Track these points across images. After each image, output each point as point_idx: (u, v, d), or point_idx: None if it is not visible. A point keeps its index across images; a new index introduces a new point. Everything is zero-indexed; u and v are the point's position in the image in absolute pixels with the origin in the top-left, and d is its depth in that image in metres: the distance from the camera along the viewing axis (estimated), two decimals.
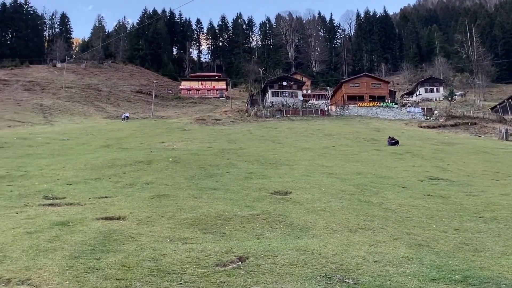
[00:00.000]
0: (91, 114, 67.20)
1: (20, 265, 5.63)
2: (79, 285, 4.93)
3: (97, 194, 12.06)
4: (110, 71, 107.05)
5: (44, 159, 22.29)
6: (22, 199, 11.50)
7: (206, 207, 10.05)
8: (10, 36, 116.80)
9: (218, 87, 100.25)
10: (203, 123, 54.65)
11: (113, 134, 39.19)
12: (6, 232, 7.52)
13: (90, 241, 6.92)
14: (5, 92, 74.68)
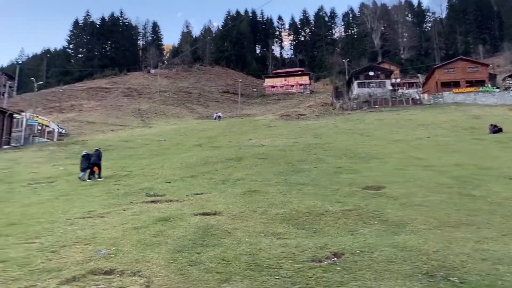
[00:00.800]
0: (183, 116, 71.07)
1: (131, 258, 6.17)
2: (184, 277, 5.27)
3: (193, 190, 12.74)
4: (198, 73, 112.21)
5: (144, 159, 24.07)
6: (128, 196, 12.55)
7: (296, 202, 10.10)
8: (109, 47, 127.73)
9: (301, 82, 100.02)
10: (288, 118, 54.90)
11: (204, 133, 41.04)
12: (116, 228, 8.26)
13: (190, 235, 7.34)
14: (108, 99, 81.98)
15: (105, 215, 9.74)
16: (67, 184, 16.45)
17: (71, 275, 5.54)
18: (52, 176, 19.25)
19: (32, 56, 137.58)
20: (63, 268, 5.83)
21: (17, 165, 25.40)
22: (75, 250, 6.75)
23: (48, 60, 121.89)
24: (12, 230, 8.49)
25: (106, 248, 6.73)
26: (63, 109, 71.66)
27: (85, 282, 5.30)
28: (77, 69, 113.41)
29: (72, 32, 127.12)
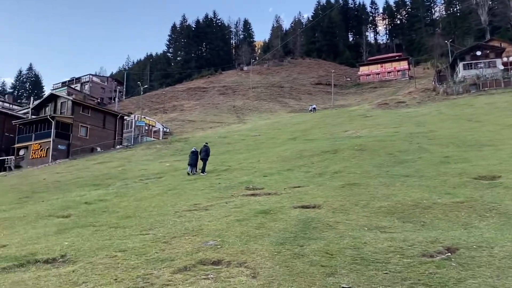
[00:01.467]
0: (276, 110, 71.88)
1: (236, 249, 6.35)
2: (289, 270, 5.28)
3: (290, 184, 12.78)
4: (290, 67, 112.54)
5: (241, 154, 24.79)
6: (229, 190, 13.01)
7: (400, 195, 9.59)
8: (205, 48, 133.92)
9: (399, 67, 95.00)
10: (386, 107, 52.52)
11: (297, 127, 41.05)
12: (220, 220, 8.59)
13: (292, 228, 7.35)
14: (205, 98, 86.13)
15: (209, 208, 10.21)
16: (173, 179, 17.56)
17: (182, 264, 5.87)
18: (160, 172, 20.71)
19: (137, 62, 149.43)
20: (175, 258, 6.20)
21: (129, 163, 27.82)
22: (184, 241, 7.15)
23: (151, 64, 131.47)
24: (129, 222, 9.28)
25: (212, 239, 7.02)
26: (166, 110, 76.81)
27: (195, 271, 5.57)
28: (177, 71, 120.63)
29: (171, 37, 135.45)
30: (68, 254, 6.90)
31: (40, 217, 11.06)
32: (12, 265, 6.49)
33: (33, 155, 43.42)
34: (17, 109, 71.56)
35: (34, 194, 17.48)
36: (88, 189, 17.09)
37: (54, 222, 10.21)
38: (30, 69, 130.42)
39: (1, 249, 7.69)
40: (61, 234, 8.58)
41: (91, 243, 7.55)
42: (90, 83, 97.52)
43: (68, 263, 6.46)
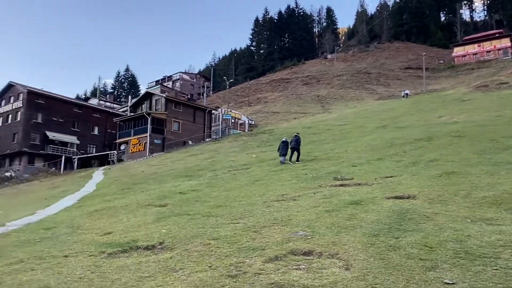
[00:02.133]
0: (363, 98, 69.50)
1: (327, 240, 6.22)
2: (384, 262, 5.02)
3: (381, 173, 12.24)
4: (376, 52, 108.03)
5: (327, 144, 24.35)
6: (316, 180, 12.84)
7: (508, 184, 8.68)
8: (287, 39, 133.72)
9: (500, 45, 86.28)
10: (486, 89, 48.05)
11: (386, 114, 39.28)
12: (309, 210, 8.49)
13: (385, 219, 7.01)
14: (289, 89, 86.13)
15: (297, 198, 10.15)
16: (260, 170, 17.81)
17: (273, 254, 5.88)
18: (247, 163, 21.15)
19: (222, 58, 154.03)
20: (265, 247, 6.25)
21: (218, 154, 28.81)
22: (274, 231, 7.17)
23: (235, 59, 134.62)
24: (220, 211, 9.57)
25: (302, 230, 6.96)
26: (251, 103, 78.26)
27: (286, 261, 5.55)
28: (260, 64, 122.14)
29: (254, 30, 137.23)
30: (165, 241, 7.30)
31: (140, 206, 11.87)
32: (117, 251, 7.02)
33: (132, 149, 46.96)
34: (117, 107, 77.89)
35: (134, 185, 18.86)
36: (182, 179, 18.00)
37: (153, 211, 10.90)
38: (127, 70, 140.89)
39: (107, 236, 8.38)
40: (159, 222, 9.11)
41: (186, 231, 7.91)
42: (181, 80, 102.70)
43: (166, 250, 6.83)
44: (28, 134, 51.24)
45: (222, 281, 5.08)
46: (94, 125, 58.95)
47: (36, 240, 8.52)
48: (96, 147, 57.79)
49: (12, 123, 53.25)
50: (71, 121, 55.71)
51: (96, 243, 7.70)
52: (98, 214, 11.42)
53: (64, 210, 13.81)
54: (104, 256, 6.73)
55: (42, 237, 8.81)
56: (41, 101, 53.29)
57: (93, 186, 22.21)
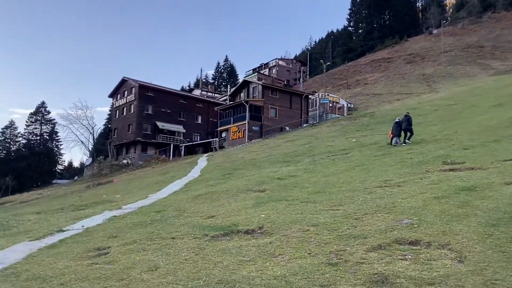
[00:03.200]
0: (475, 74, 63.25)
1: (436, 230, 5.71)
2: (505, 256, 4.45)
3: (499, 157, 10.97)
4: (490, 23, 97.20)
5: (435, 126, 22.62)
6: (423, 165, 11.96)
7: None
8: (387, 16, 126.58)
9: None
10: None
11: (504, 91, 35.23)
12: (415, 197, 7.92)
13: (505, 208, 6.24)
14: (390, 68, 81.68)
15: (401, 184, 9.56)
16: (361, 155, 17.17)
17: (376, 243, 5.58)
18: (346, 148, 20.56)
19: (319, 41, 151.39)
20: (367, 236, 5.95)
21: (316, 140, 28.48)
22: (376, 218, 6.82)
23: (332, 41, 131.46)
24: (319, 197, 9.40)
25: (407, 218, 6.50)
26: (349, 85, 75.94)
27: (390, 251, 5.22)
28: (359, 44, 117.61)
29: (351, 10, 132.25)
30: (264, 226, 7.36)
31: (240, 191, 12.19)
32: (219, 234, 7.26)
33: (232, 136, 48.68)
34: (218, 97, 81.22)
35: (235, 170, 19.48)
36: (279, 165, 18.13)
37: (252, 196, 11.11)
38: (226, 60, 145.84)
39: (210, 219, 8.72)
40: (258, 207, 9.24)
41: (284, 216, 7.90)
42: (277, 67, 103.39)
43: (265, 235, 6.88)
44: (141, 125, 55.92)
45: (322, 268, 4.94)
46: (197, 114, 62.26)
47: (147, 223, 9.20)
48: (200, 135, 61.01)
49: (127, 115, 58.51)
50: (177, 112, 59.48)
51: (200, 226, 8.06)
52: (202, 198, 11.98)
53: (173, 194, 14.77)
54: (207, 239, 7.01)
55: (153, 220, 9.48)
56: (151, 94, 57.66)
57: (198, 171, 23.44)
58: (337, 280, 4.59)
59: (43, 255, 7.14)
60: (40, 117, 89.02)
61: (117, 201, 15.87)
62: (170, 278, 5.15)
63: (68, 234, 9.01)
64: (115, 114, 63.99)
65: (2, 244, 8.49)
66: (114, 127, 62.92)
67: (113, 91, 63.49)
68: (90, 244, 7.65)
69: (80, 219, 11.27)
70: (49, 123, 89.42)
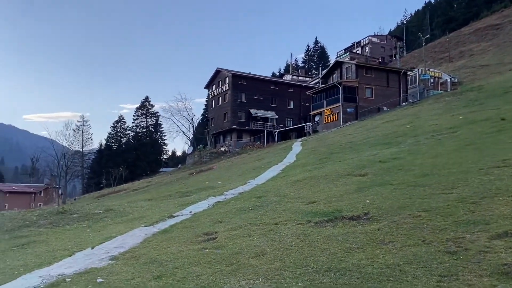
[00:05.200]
0: None
1: None
2: None
3: None
4: None
5: None
6: None
7: None
8: None
9: None
10: None
11: None
12: None
13: None
14: (500, 36, 73.36)
15: None
16: (471, 133, 15.71)
17: (501, 229, 5.02)
18: (453, 126, 18.98)
19: (415, 14, 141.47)
20: (490, 221, 5.39)
21: (417, 119, 26.76)
22: (498, 203, 6.14)
23: (430, 12, 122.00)
24: (427, 181, 8.76)
25: None
26: (452, 58, 70.06)
27: None
28: (461, 12, 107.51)
29: None
30: (370, 212, 7.06)
31: (340, 176, 11.89)
32: (322, 220, 7.13)
33: (326, 120, 47.92)
34: (309, 80, 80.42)
35: (331, 155, 19.10)
36: (379, 147, 17.35)
37: (353, 180, 10.76)
38: (316, 42, 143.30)
39: (311, 205, 8.63)
40: (361, 192, 8.91)
41: (391, 201, 7.50)
42: (370, 44, 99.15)
43: (372, 221, 6.60)
44: (235, 113, 57.64)
45: (440, 257, 4.58)
46: (289, 99, 62.30)
47: (250, 208, 9.40)
48: (293, 120, 61.07)
49: (222, 104, 60.66)
50: (269, 98, 60.14)
51: (302, 212, 8.00)
52: (300, 184, 11.93)
53: (271, 180, 14.95)
54: (311, 225, 6.92)
55: (255, 205, 9.66)
56: (243, 82, 59.01)
57: (293, 157, 23.46)
58: (458, 270, 4.21)
59: (157, 240, 7.65)
60: (145, 111, 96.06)
61: (219, 187, 16.52)
62: (278, 264, 5.17)
63: (178, 219, 9.57)
64: (211, 104, 66.74)
65: (121, 230, 9.29)
66: (211, 116, 65.68)
67: (208, 82, 66.14)
68: (199, 229, 8.02)
69: (187, 205, 11.91)
70: (153, 116, 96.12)
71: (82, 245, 8.07)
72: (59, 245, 8.49)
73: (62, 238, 9.33)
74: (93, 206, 14.62)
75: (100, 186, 68.86)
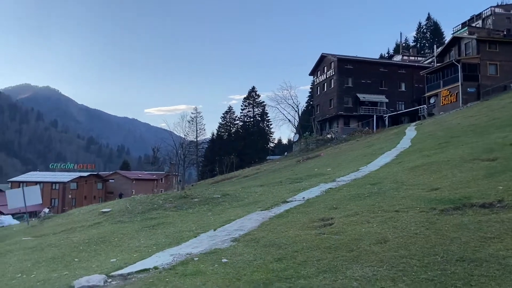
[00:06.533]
0: None
1: None
2: None
3: None
4: None
5: None
6: None
7: None
8: None
9: None
10: None
11: None
12: None
13: None
14: None
15: None
16: None
17: None
18: None
19: None
20: None
21: None
22: None
23: None
24: None
25: None
26: None
27: None
28: None
29: None
30: (505, 199, 6.39)
31: (464, 161, 10.93)
32: (449, 208, 6.64)
33: (443, 101, 44.41)
34: (421, 60, 75.07)
35: (452, 138, 17.65)
36: (509, 129, 15.56)
37: (480, 165, 9.81)
38: (429, 18, 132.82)
39: (434, 192, 8.08)
40: (491, 178, 8.10)
41: None
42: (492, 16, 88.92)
43: (508, 209, 5.96)
44: (341, 99, 56.37)
45: None
46: (400, 81, 58.98)
47: (365, 195, 9.14)
48: (404, 103, 57.76)
49: (328, 91, 59.74)
50: (378, 81, 57.61)
51: (424, 199, 7.54)
52: (419, 170, 11.24)
53: (385, 166, 14.36)
54: (435, 213, 6.49)
55: (370, 192, 9.36)
56: (350, 66, 57.31)
57: (407, 142, 22.21)
58: None
59: (274, 224, 7.84)
60: (252, 101, 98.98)
61: (329, 174, 16.36)
62: (403, 252, 4.94)
63: (291, 205, 9.70)
64: (316, 90, 66.18)
65: (239, 213, 9.72)
66: (316, 103, 65.18)
67: (313, 69, 65.58)
68: (314, 215, 8.03)
69: (299, 191, 12.02)
70: (259, 106, 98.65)
71: (205, 227, 8.61)
72: (184, 226, 9.17)
73: (186, 221, 10.07)
74: (211, 191, 15.52)
75: (214, 173, 73.02)
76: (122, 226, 10.50)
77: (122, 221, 11.28)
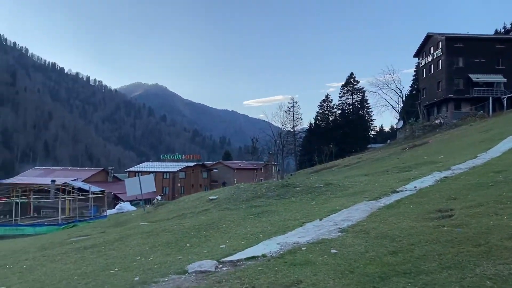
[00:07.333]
0: None
1: None
2: None
3: None
4: None
5: None
6: None
7: None
8: None
9: None
10: None
11: None
12: None
13: None
14: None
15: None
16: None
17: None
18: None
19: None
20: None
21: None
22: None
23: None
24: None
25: None
26: None
27: None
28: None
29: None
30: None
31: None
32: None
33: None
34: None
35: None
36: None
37: None
38: None
39: None
40: None
41: None
42: None
43: None
44: (451, 80, 51.87)
45: None
46: None
47: (489, 184, 8.19)
48: None
49: (435, 73, 55.40)
50: (493, 59, 51.88)
51: None
52: None
53: (508, 153, 12.83)
54: None
55: (494, 181, 8.38)
56: (460, 45, 52.40)
57: None
58: None
59: (384, 215, 7.38)
60: (351, 88, 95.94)
61: (441, 161, 15.12)
62: None
63: (402, 195, 9.09)
64: (422, 73, 61.81)
65: (344, 203, 9.38)
66: (422, 87, 60.92)
67: (418, 50, 61.28)
68: (429, 206, 7.40)
69: (409, 180, 11.25)
70: (358, 92, 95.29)
71: (310, 216, 8.44)
72: (288, 215, 9.10)
73: (290, 209, 10.01)
74: (313, 180, 15.31)
75: (312, 162, 72.51)
76: (228, 213, 10.79)
77: (229, 208, 11.61)
